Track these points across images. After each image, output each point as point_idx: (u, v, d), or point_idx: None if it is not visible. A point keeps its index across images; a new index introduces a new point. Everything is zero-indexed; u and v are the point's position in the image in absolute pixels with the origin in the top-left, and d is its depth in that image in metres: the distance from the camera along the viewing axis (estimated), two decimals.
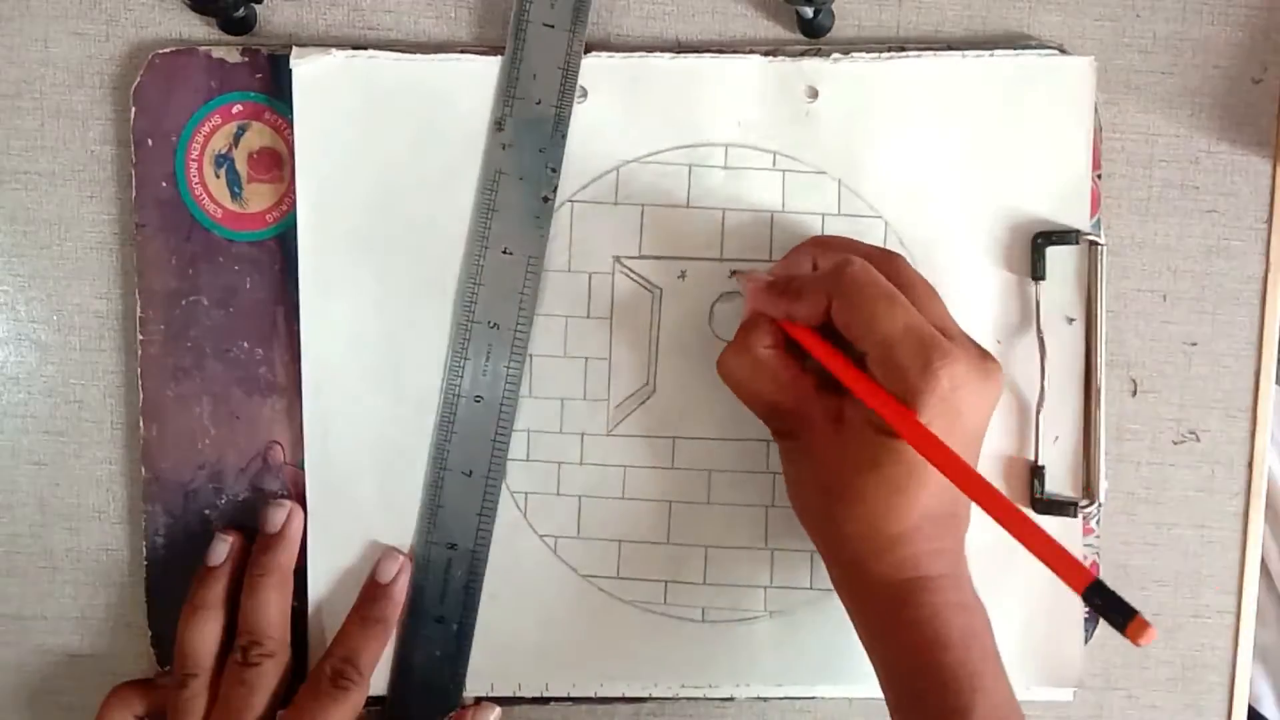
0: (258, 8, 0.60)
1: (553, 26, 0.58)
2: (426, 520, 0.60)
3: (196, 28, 0.61)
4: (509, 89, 0.59)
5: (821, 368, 0.54)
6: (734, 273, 0.60)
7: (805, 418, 0.55)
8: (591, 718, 0.63)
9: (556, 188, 0.59)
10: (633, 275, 0.60)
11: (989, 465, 0.61)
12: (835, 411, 0.54)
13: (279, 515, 0.60)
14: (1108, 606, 0.45)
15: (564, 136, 0.59)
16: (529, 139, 0.59)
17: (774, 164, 0.60)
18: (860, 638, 0.55)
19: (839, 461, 0.53)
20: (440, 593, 0.60)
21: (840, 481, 0.53)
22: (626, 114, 0.60)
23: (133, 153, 0.60)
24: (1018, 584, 0.60)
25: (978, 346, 0.53)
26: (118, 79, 0.61)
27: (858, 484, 0.52)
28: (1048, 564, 0.47)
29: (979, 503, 0.49)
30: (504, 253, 0.59)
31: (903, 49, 0.60)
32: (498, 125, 0.59)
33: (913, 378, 0.50)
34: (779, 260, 0.58)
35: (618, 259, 0.60)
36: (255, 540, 0.60)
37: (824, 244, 0.57)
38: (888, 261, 0.55)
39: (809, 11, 0.59)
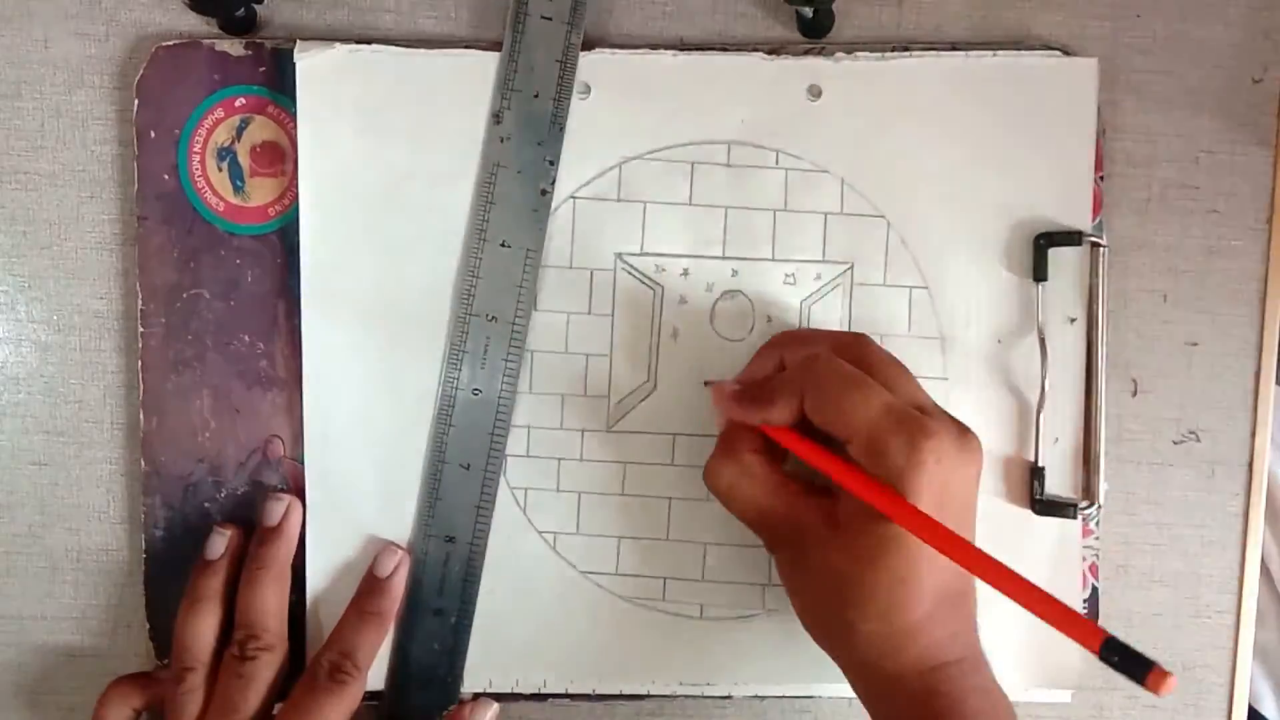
0: (258, 8, 0.60)
1: (550, 19, 0.58)
2: (424, 513, 0.60)
3: (197, 28, 0.61)
4: (507, 82, 0.59)
5: (806, 469, 0.54)
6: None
7: (798, 523, 0.54)
8: (590, 715, 0.63)
9: (555, 180, 0.59)
10: (634, 272, 0.60)
11: (990, 467, 0.60)
12: (828, 512, 0.53)
13: (278, 509, 0.60)
14: (1125, 662, 0.44)
15: (562, 130, 0.59)
16: (527, 132, 0.59)
17: (777, 162, 0.60)
18: None
19: (842, 562, 0.52)
20: (438, 585, 0.60)
21: (847, 582, 0.51)
22: (629, 110, 0.60)
23: (135, 145, 0.60)
24: None
25: (954, 419, 0.53)
26: (118, 79, 0.61)
27: (866, 581, 0.51)
28: (1059, 628, 0.46)
29: (981, 576, 0.48)
30: (502, 246, 0.59)
31: (906, 49, 0.60)
32: (496, 118, 0.59)
33: (898, 459, 0.50)
34: (747, 365, 0.58)
35: (619, 256, 0.60)
36: (254, 534, 0.60)
37: (788, 340, 0.57)
38: (856, 346, 0.54)
39: (809, 12, 0.60)
